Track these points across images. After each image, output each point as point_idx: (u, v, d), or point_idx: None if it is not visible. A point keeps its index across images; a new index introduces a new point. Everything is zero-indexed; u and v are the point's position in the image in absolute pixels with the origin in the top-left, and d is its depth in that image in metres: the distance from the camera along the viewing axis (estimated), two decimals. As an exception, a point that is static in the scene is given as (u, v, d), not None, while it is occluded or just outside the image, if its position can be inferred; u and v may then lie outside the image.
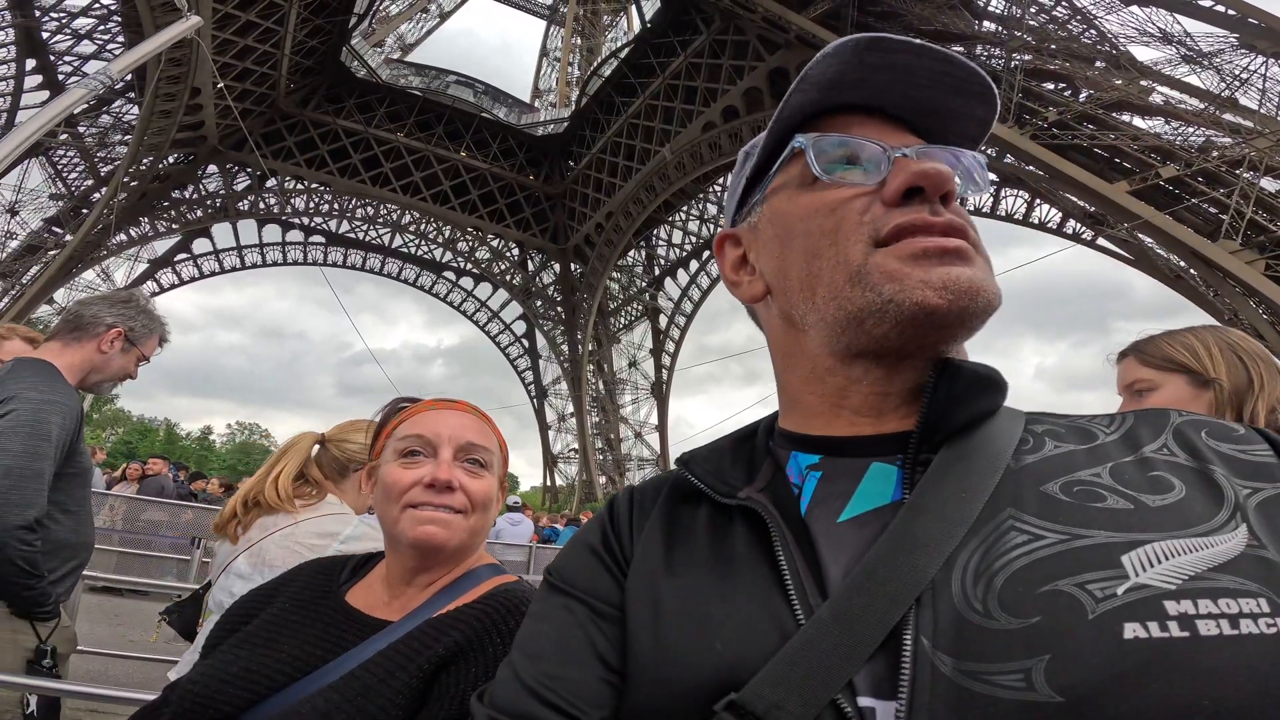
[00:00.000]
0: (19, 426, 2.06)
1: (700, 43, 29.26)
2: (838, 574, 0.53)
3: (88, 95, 10.13)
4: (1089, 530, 0.47)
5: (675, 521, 0.64)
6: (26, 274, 31.38)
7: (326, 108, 35.86)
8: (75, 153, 30.53)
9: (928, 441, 0.56)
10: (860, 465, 0.58)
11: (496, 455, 1.15)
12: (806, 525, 0.57)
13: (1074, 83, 20.30)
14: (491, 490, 1.11)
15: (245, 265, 38.98)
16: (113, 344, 2.37)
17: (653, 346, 42.93)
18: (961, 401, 0.55)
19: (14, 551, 1.99)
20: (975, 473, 0.52)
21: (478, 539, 1.11)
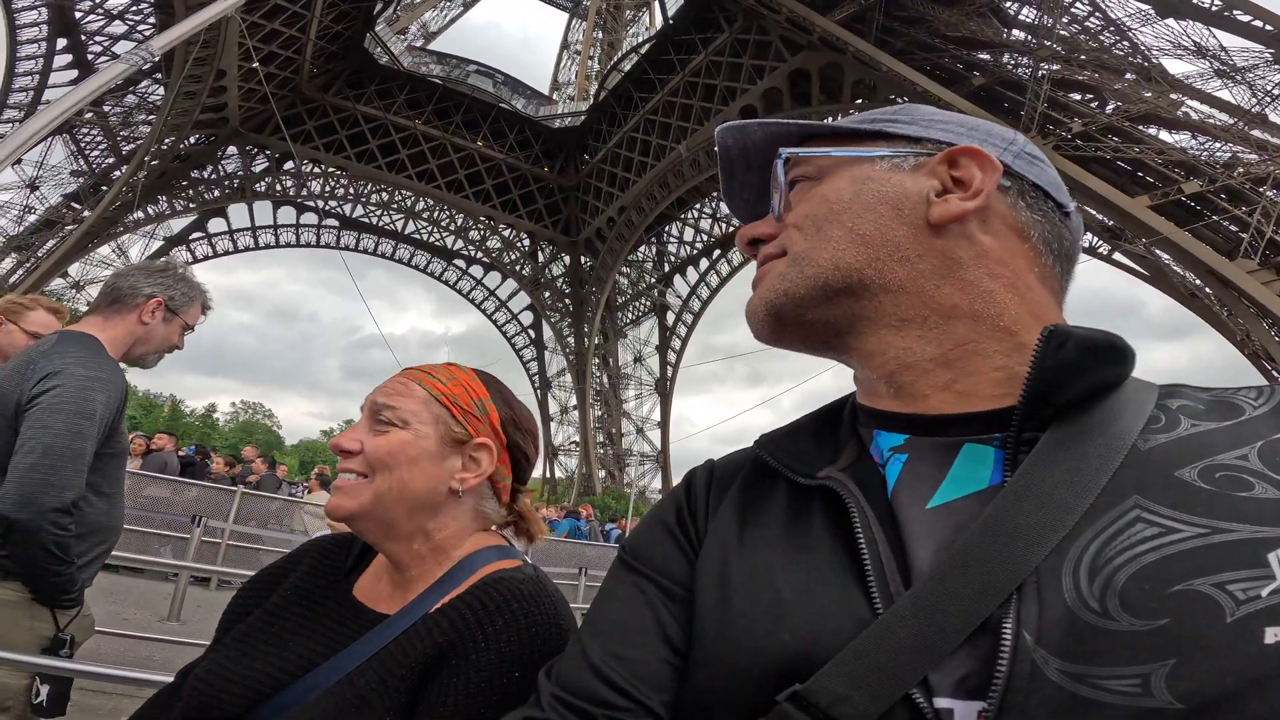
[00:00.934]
0: (63, 404, 2.00)
1: (722, 41, 29.44)
2: (925, 562, 0.50)
3: (126, 72, 10.34)
4: (1232, 524, 0.42)
5: (752, 502, 0.64)
6: (42, 247, 31.68)
7: (347, 93, 36.09)
8: (99, 131, 30.80)
9: (1033, 419, 0.51)
10: (951, 445, 0.55)
11: (415, 410, 1.02)
12: (892, 509, 0.54)
13: (1102, 94, 20.34)
14: (393, 445, 0.99)
15: (259, 246, 39.26)
16: (153, 314, 2.30)
17: (659, 343, 43.20)
18: (1074, 372, 0.51)
19: (46, 536, 1.93)
20: (1091, 454, 0.48)
21: (393, 504, 0.99)
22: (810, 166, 0.67)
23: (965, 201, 0.60)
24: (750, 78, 28.42)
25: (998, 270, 0.59)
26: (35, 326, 2.80)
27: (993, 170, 0.61)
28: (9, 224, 31.23)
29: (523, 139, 39.58)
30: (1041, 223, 0.62)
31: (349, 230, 40.00)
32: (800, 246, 0.63)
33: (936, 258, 0.60)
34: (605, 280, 39.48)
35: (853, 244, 0.61)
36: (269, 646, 0.96)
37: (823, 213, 0.63)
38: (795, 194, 0.67)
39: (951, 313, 0.58)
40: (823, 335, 0.63)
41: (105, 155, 31.82)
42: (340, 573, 1.07)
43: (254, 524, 9.60)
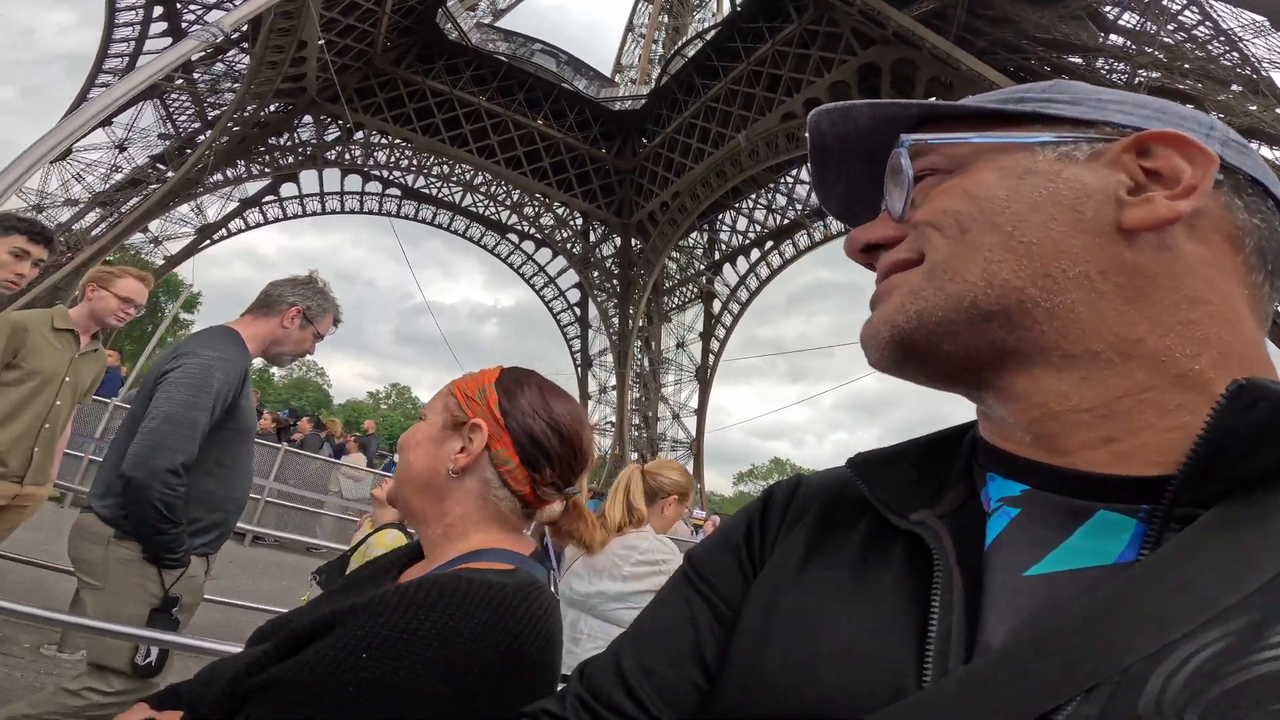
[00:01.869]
0: (186, 378, 2.19)
1: (790, 31, 28.99)
2: (997, 637, 0.42)
3: (199, 46, 10.80)
4: None
5: (829, 528, 0.56)
6: (126, 204, 33.47)
7: (417, 67, 36.86)
8: (188, 97, 32.26)
9: (1196, 491, 0.41)
10: (1081, 509, 0.45)
11: (437, 402, 1.10)
12: (982, 571, 0.46)
13: (1204, 104, 19.58)
14: (413, 433, 1.08)
15: (325, 211, 40.63)
16: (292, 320, 2.56)
17: (703, 330, 43.24)
18: (1263, 438, 0.39)
19: (155, 494, 2.06)
20: (1261, 542, 0.38)
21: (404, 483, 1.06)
22: (940, 157, 0.54)
23: (1177, 201, 0.46)
24: (818, 70, 28.00)
25: (1203, 293, 0.46)
26: (125, 292, 3.00)
27: (1206, 161, 0.47)
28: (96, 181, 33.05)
29: (582, 119, 39.83)
30: (1261, 228, 0.49)
31: (410, 200, 41.04)
32: (941, 253, 0.51)
33: (1125, 275, 0.46)
34: (654, 264, 39.65)
35: (1013, 255, 0.48)
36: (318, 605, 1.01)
37: (969, 211, 0.50)
38: (921, 190, 0.54)
39: (1133, 349, 0.45)
40: (959, 370, 0.51)
41: (192, 120, 33.32)
42: (407, 559, 1.10)
43: (294, 483, 9.91)
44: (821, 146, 0.60)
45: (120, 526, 2.21)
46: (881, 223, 0.56)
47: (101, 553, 2.20)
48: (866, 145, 0.59)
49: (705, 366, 43.20)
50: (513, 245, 43.41)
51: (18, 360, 2.84)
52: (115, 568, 2.19)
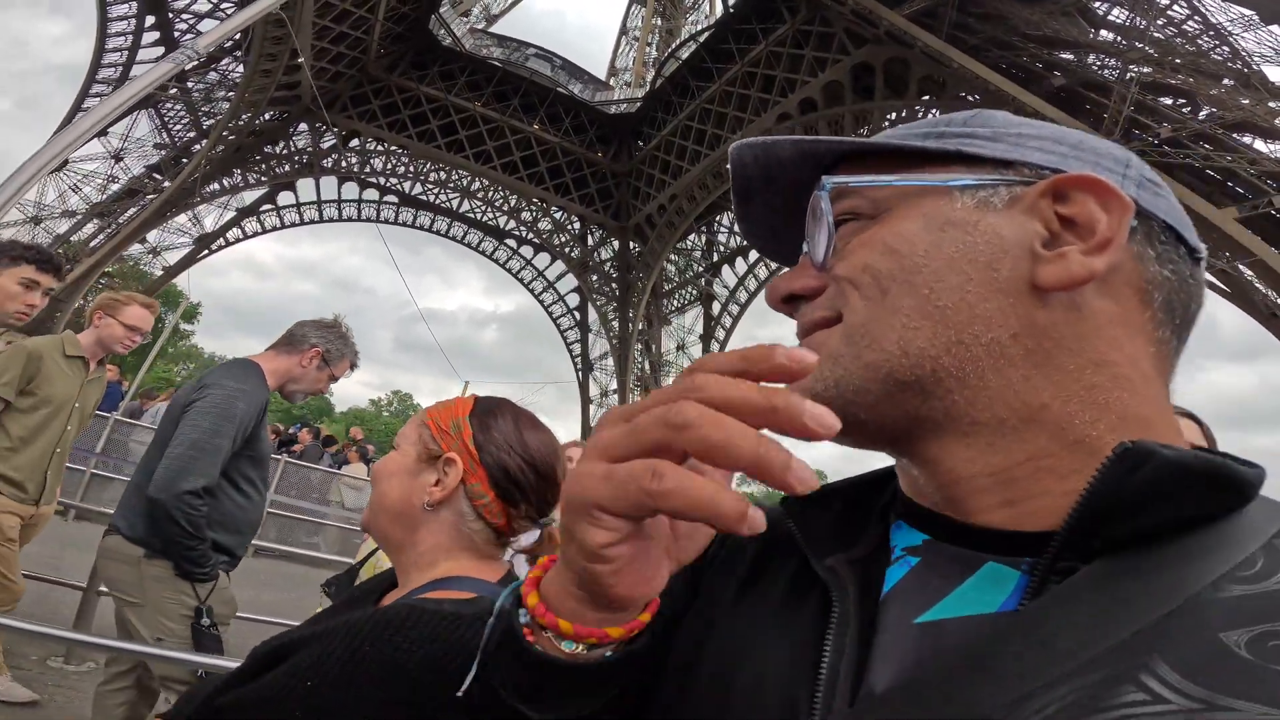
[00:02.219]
0: (211, 407, 2.37)
1: (783, 32, 29.01)
2: (880, 683, 0.43)
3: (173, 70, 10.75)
4: (1240, 702, 0.33)
5: (767, 562, 0.57)
6: (123, 215, 33.50)
7: (411, 74, 36.94)
8: (182, 106, 32.33)
9: (1078, 548, 0.41)
10: (969, 560, 0.45)
11: (410, 432, 1.12)
12: (877, 613, 0.47)
13: (1195, 99, 19.46)
14: (387, 463, 1.10)
15: (323, 219, 40.67)
16: (310, 361, 2.72)
17: (703, 332, 43.22)
18: (1143, 501, 0.40)
19: (179, 513, 2.22)
20: (1133, 597, 0.38)
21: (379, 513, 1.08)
22: (862, 199, 0.52)
23: (1091, 258, 0.45)
24: (811, 70, 28.02)
25: (1109, 355, 0.46)
26: (132, 320, 3.11)
27: (1121, 210, 0.46)
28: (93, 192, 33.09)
29: (578, 123, 39.88)
30: (1171, 280, 0.48)
31: (407, 207, 41.06)
32: (859, 315, 0.49)
33: (1034, 338, 0.46)
34: (653, 267, 39.67)
35: (929, 321, 0.46)
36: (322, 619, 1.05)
37: (889, 270, 0.49)
38: (844, 236, 0.52)
39: (1037, 416, 0.45)
40: (873, 437, 0.50)
41: (187, 129, 33.41)
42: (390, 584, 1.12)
43: (294, 494, 10.00)
44: (744, 178, 0.58)
45: (149, 546, 2.36)
46: (803, 270, 0.55)
47: (134, 572, 2.36)
48: (791, 179, 0.57)
49: (706, 368, 43.18)
50: (511, 250, 43.43)
51: (32, 388, 3.00)
52: (150, 585, 2.35)
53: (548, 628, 0.46)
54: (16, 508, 3.05)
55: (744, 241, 16.40)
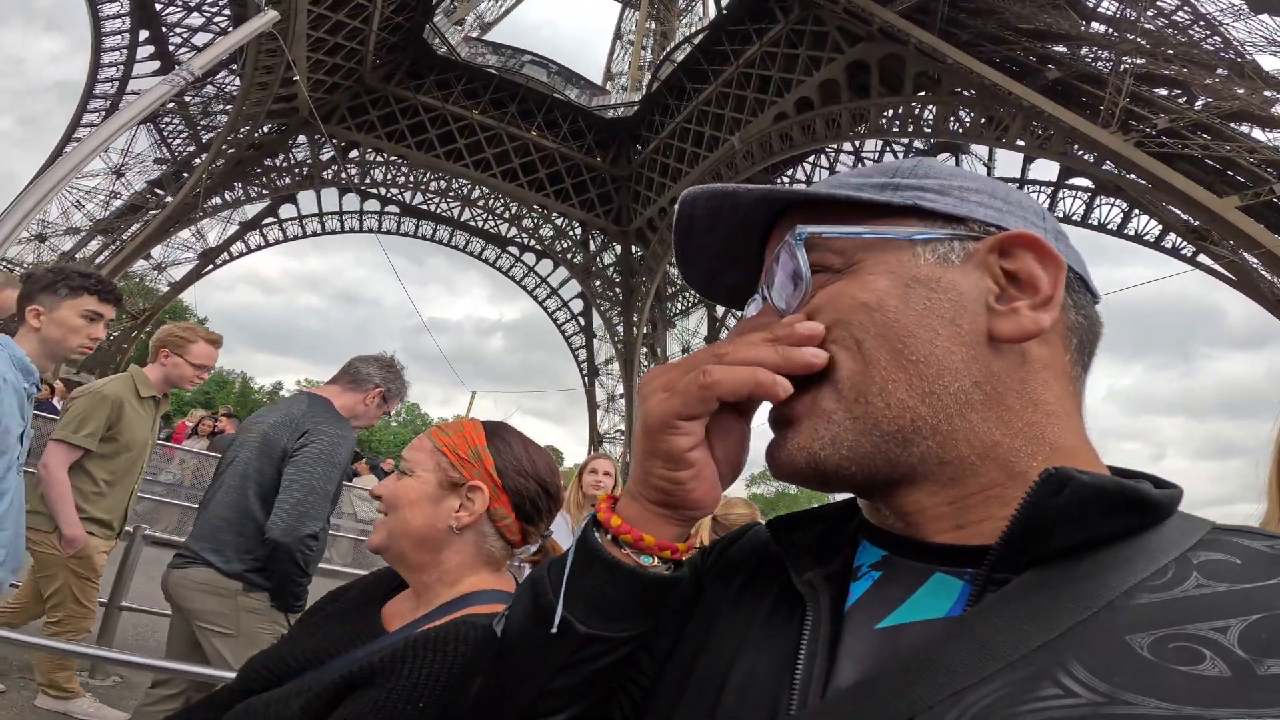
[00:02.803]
0: (321, 454, 2.53)
1: (777, 32, 28.87)
2: (847, 680, 0.49)
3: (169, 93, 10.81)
4: (1139, 697, 0.37)
5: (761, 574, 0.63)
6: (127, 231, 33.79)
7: (408, 84, 37.12)
8: (181, 121, 32.61)
9: (1011, 561, 0.46)
10: (921, 572, 0.51)
11: (424, 459, 1.18)
12: (844, 621, 0.53)
13: (1190, 89, 19.23)
14: (405, 489, 1.16)
15: (325, 231, 40.91)
16: (373, 399, 2.89)
17: (707, 334, 43.05)
18: (1063, 521, 0.45)
19: (299, 555, 2.41)
20: (1056, 604, 0.43)
21: (400, 538, 1.14)
22: (830, 251, 0.55)
23: (1039, 313, 0.50)
24: (806, 69, 27.83)
25: (1043, 394, 0.51)
26: (199, 359, 3.24)
27: (1056, 268, 0.51)
28: (96, 208, 33.40)
29: (576, 129, 39.89)
30: (1083, 324, 0.54)
31: (409, 217, 41.23)
32: (845, 371, 0.52)
33: (990, 384, 0.50)
34: (655, 270, 39.53)
35: (905, 374, 0.50)
36: (302, 639, 1.13)
37: (863, 324, 0.51)
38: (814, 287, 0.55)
39: (990, 452, 0.50)
40: (858, 487, 0.54)
41: (187, 144, 33.73)
42: (380, 592, 1.21)
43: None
44: (689, 219, 0.61)
45: (248, 580, 2.51)
46: (767, 318, 0.56)
47: (231, 604, 2.50)
48: (740, 217, 0.60)
49: (711, 371, 42.99)
50: (513, 258, 43.49)
51: (113, 433, 3.15)
52: (246, 617, 2.50)
53: (630, 544, 0.53)
54: (105, 545, 3.27)
55: None
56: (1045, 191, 25.29)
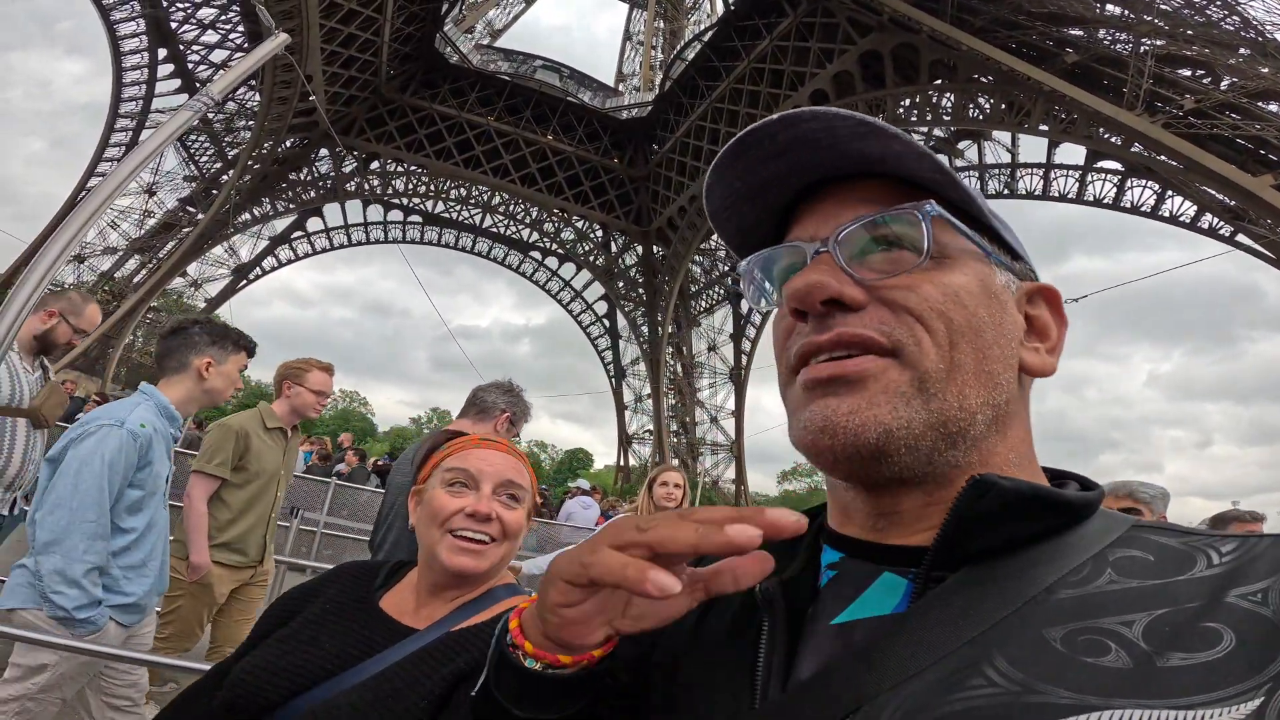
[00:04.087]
0: None
1: (786, 25, 28.41)
2: (805, 674, 0.52)
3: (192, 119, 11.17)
4: (1049, 687, 0.41)
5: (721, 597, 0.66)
6: (163, 249, 34.97)
7: (423, 93, 37.63)
8: (206, 138, 33.59)
9: (946, 561, 0.50)
10: (872, 571, 0.54)
11: (528, 492, 1.25)
12: (803, 622, 0.55)
13: (1213, 70, 18.41)
14: (522, 520, 1.23)
15: (351, 243, 41.76)
16: (503, 425, 2.97)
17: (733, 331, 42.66)
18: (988, 523, 0.49)
19: None
20: (986, 600, 0.47)
21: (503, 564, 1.22)
22: (910, 239, 0.54)
23: (1051, 358, 0.56)
24: (819, 61, 27.29)
25: (1023, 416, 0.56)
26: (318, 386, 3.53)
27: (1062, 323, 0.57)
28: (131, 228, 34.61)
29: (591, 131, 39.89)
30: None
31: (431, 226, 41.79)
32: (931, 361, 0.51)
33: (1011, 406, 0.54)
34: (678, 269, 39.32)
35: (978, 381, 0.52)
36: (310, 647, 1.10)
37: (960, 322, 0.52)
38: (897, 262, 0.54)
39: (987, 462, 0.54)
40: (887, 477, 0.53)
41: (213, 160, 34.73)
42: (369, 590, 1.23)
43: (344, 514, 10.20)
44: (762, 134, 0.56)
45: None
46: (834, 273, 0.54)
47: None
48: (811, 160, 0.57)
49: (739, 367, 42.62)
50: (536, 263, 43.73)
51: (243, 463, 3.35)
52: None
53: (519, 647, 0.57)
54: (236, 575, 3.42)
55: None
56: (1074, 176, 24.33)
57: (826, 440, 0.51)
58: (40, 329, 3.17)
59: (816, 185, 0.59)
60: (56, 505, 2.15)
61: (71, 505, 2.15)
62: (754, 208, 0.61)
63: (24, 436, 3.10)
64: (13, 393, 3.05)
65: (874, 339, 0.52)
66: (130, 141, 32.57)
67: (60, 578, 2.09)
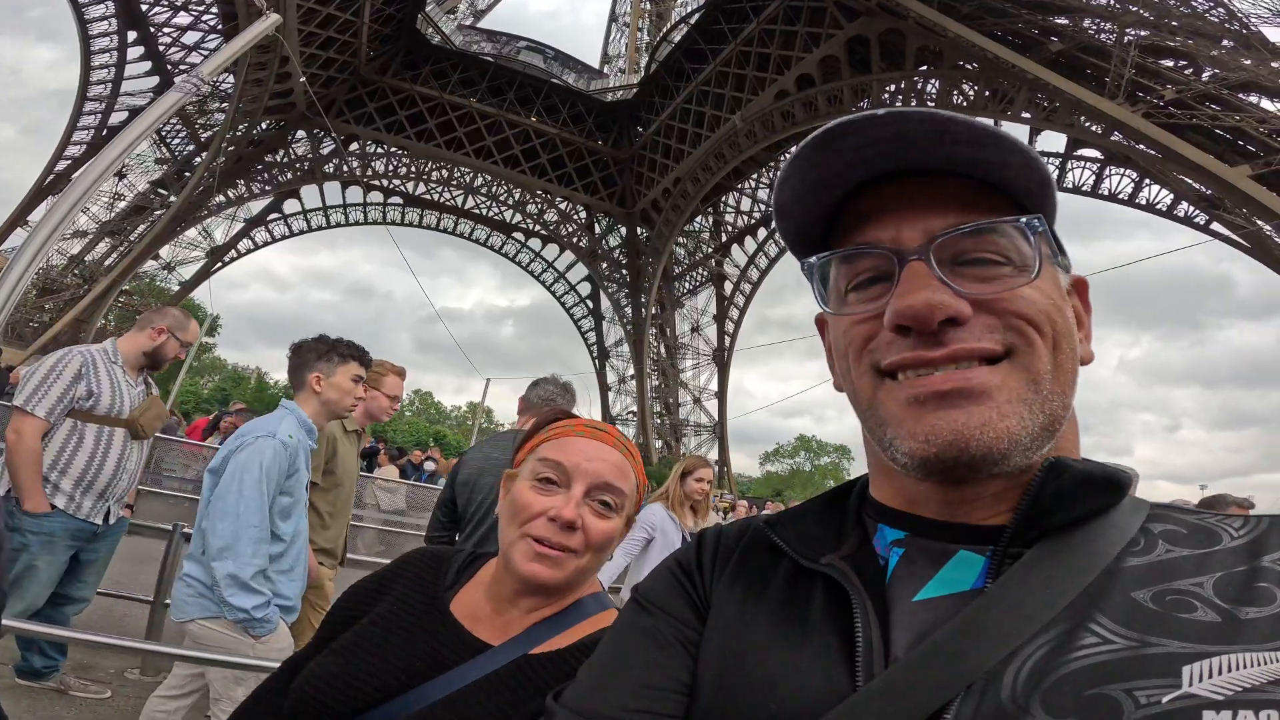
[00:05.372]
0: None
1: (774, 9, 28.22)
2: (902, 649, 0.53)
3: (182, 100, 10.88)
4: (1163, 640, 0.46)
5: (756, 576, 0.65)
6: (134, 232, 34.04)
7: (404, 74, 36.81)
8: (178, 120, 32.58)
9: (1022, 536, 0.53)
10: (946, 550, 0.56)
11: (630, 497, 1.09)
12: (886, 599, 0.57)
13: (1196, 61, 18.73)
14: (614, 532, 1.06)
15: (330, 224, 41.01)
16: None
17: (716, 313, 42.91)
18: (1065, 501, 0.53)
19: None
20: (1066, 571, 0.51)
21: (587, 576, 1.08)
22: (1013, 247, 0.56)
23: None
24: (805, 46, 27.23)
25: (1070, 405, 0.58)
26: (393, 390, 3.59)
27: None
28: (101, 210, 33.62)
29: (575, 113, 39.43)
30: None
31: (412, 207, 41.17)
32: (1044, 365, 0.54)
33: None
34: (662, 251, 39.33)
35: (1069, 378, 0.56)
36: (373, 656, 1.00)
37: (1062, 329, 0.56)
38: (999, 275, 0.55)
39: (1064, 450, 0.58)
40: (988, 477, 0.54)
41: (186, 143, 33.72)
42: (440, 588, 1.10)
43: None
44: (857, 130, 0.56)
45: None
46: (943, 288, 0.54)
47: None
48: (897, 155, 0.57)
49: (722, 349, 42.93)
50: (519, 244, 43.38)
51: (330, 467, 3.34)
52: None
53: None
54: (331, 574, 3.42)
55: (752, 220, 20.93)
56: (1054, 162, 24.75)
57: (954, 453, 0.52)
58: (150, 346, 3.29)
59: (880, 178, 0.59)
60: (224, 513, 2.30)
61: (238, 511, 2.30)
62: (815, 200, 0.61)
63: (120, 446, 3.20)
64: (113, 403, 3.16)
65: (986, 350, 0.53)
66: (99, 125, 31.49)
67: (234, 581, 2.23)
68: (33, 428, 2.95)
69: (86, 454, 3.09)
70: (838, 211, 0.61)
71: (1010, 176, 0.56)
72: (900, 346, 0.55)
